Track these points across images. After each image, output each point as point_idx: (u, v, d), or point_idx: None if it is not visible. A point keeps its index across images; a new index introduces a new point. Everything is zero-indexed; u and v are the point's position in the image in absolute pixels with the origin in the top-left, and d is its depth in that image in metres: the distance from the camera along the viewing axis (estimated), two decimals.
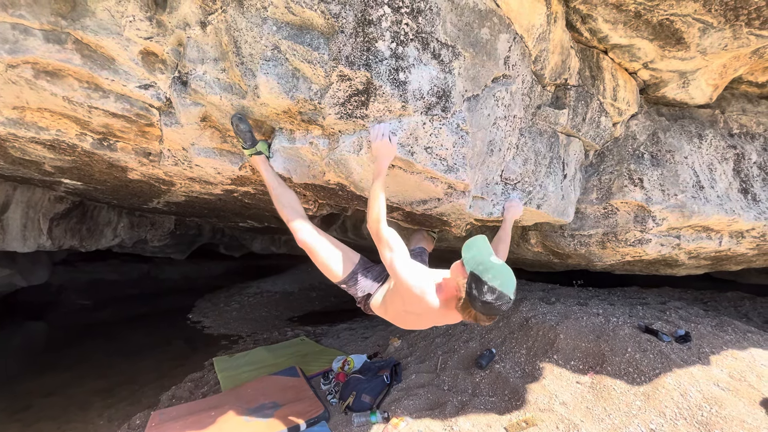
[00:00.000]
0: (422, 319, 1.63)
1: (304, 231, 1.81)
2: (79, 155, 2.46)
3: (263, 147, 1.89)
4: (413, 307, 1.56)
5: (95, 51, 1.68)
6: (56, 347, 5.47)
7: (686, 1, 1.89)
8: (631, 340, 2.91)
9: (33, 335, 6.15)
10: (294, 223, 1.82)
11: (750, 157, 2.55)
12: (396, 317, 1.72)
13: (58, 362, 4.84)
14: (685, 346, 2.85)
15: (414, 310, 1.57)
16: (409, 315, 1.64)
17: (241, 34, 1.57)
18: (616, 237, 2.64)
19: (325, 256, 1.79)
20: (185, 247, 7.86)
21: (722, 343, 2.93)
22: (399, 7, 1.55)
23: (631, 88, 2.56)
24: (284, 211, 1.87)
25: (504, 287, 1.31)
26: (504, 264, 1.37)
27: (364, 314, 6.21)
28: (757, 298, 5.18)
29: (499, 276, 1.32)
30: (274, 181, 1.90)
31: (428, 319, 1.63)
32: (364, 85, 1.57)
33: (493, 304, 1.31)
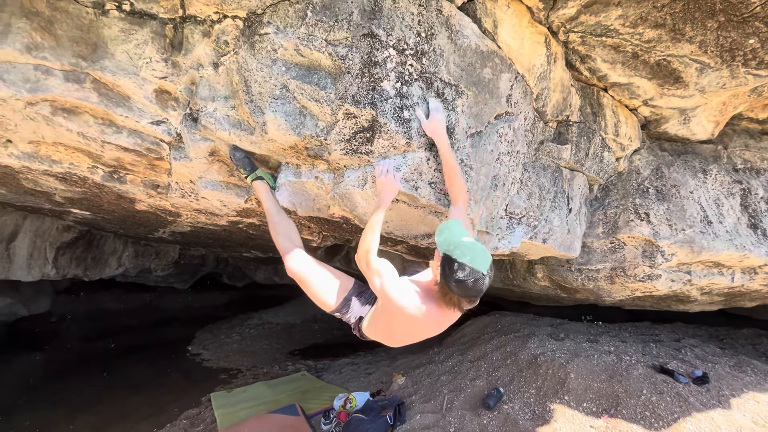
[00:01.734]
0: (414, 332, 1.57)
1: (295, 260, 1.75)
2: (89, 187, 2.50)
3: (264, 174, 1.92)
4: (406, 326, 1.52)
5: (111, 90, 1.75)
6: (53, 379, 5.34)
7: (682, 43, 1.95)
8: (645, 381, 2.78)
9: (30, 366, 6.02)
10: (287, 253, 1.78)
11: (757, 192, 2.54)
12: (386, 335, 1.67)
13: (52, 396, 4.71)
14: (703, 388, 2.72)
15: (406, 330, 1.54)
16: (397, 332, 1.60)
17: (252, 74, 1.63)
18: (625, 272, 2.58)
19: (316, 286, 1.74)
20: (188, 276, 7.83)
21: (742, 385, 2.79)
22: (404, 49, 1.61)
23: (632, 123, 2.60)
24: (279, 239, 1.84)
25: (474, 262, 1.28)
26: (475, 242, 1.34)
27: (368, 349, 6.05)
28: None
29: (468, 252, 1.30)
30: (273, 207, 1.90)
31: (422, 330, 1.57)
32: (370, 122, 1.61)
33: (465, 281, 1.28)
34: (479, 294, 1.34)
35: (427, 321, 1.49)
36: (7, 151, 2.06)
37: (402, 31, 1.60)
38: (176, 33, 1.69)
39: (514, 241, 2.19)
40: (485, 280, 1.30)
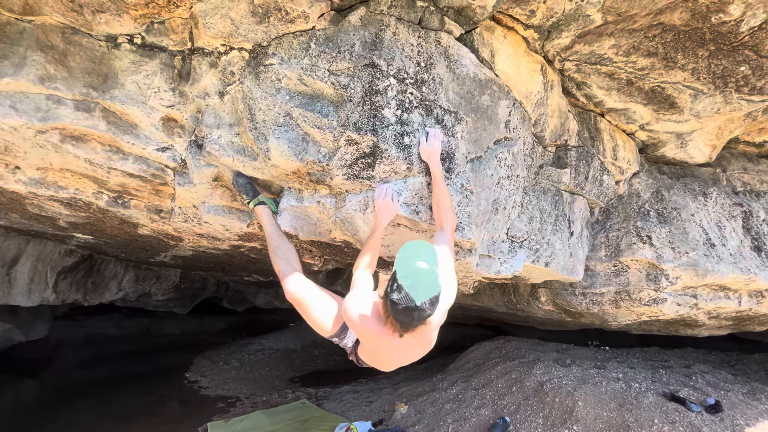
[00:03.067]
0: (386, 353, 1.53)
1: (294, 284, 1.72)
2: (93, 212, 2.53)
3: (266, 200, 1.93)
4: (375, 345, 1.49)
5: (120, 118, 1.80)
6: (47, 408, 5.20)
7: (674, 71, 2.01)
8: (657, 410, 2.69)
9: (25, 395, 5.88)
10: (286, 276, 1.76)
11: (758, 214, 2.54)
12: (371, 357, 1.62)
13: (45, 426, 4.57)
14: (716, 417, 2.62)
15: (378, 350, 1.51)
16: (374, 353, 1.56)
17: (256, 103, 1.68)
18: (630, 296, 2.55)
19: (314, 311, 1.69)
20: (188, 301, 7.75)
21: (757, 414, 2.70)
22: (404, 78, 1.66)
23: (630, 147, 2.64)
24: (279, 263, 1.82)
25: (413, 290, 1.22)
26: (428, 271, 1.26)
27: (369, 376, 5.90)
28: None
29: (412, 277, 1.24)
30: (274, 232, 1.90)
31: (392, 351, 1.50)
32: (371, 148, 1.64)
33: (398, 304, 1.23)
34: (408, 323, 1.27)
35: (388, 341, 1.39)
36: (15, 177, 2.09)
37: (402, 61, 1.65)
38: (184, 64, 1.76)
39: (517, 265, 2.17)
40: (417, 312, 1.23)
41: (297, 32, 1.59)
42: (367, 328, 1.40)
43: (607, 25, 1.86)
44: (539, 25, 1.92)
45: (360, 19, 1.59)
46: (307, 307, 1.69)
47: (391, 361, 1.63)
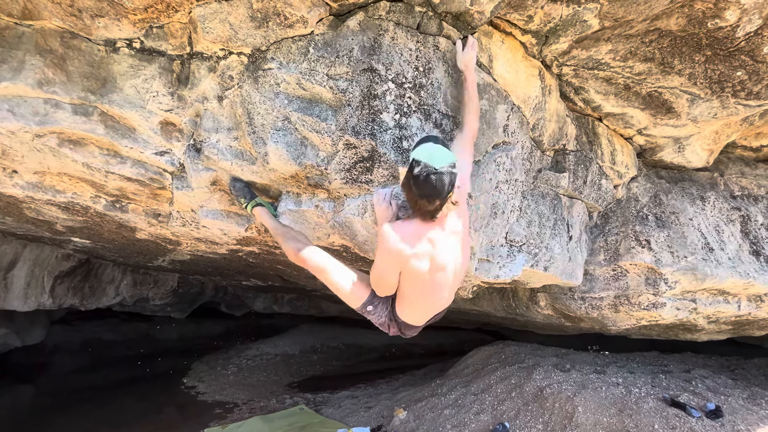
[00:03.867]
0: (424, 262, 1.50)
1: (313, 253, 1.68)
2: (91, 216, 2.52)
3: (264, 203, 1.91)
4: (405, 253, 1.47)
5: (118, 122, 1.80)
6: (42, 414, 5.15)
7: (671, 76, 2.02)
8: (657, 415, 2.68)
9: (21, 400, 5.82)
10: (301, 251, 1.70)
11: (756, 218, 2.54)
12: (413, 289, 1.58)
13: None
14: (717, 422, 2.61)
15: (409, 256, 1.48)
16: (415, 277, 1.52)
17: (255, 107, 1.68)
18: (629, 300, 2.54)
19: (337, 276, 1.67)
20: (186, 305, 7.71)
21: (757, 419, 2.68)
22: (402, 82, 1.67)
23: (628, 152, 2.64)
24: (289, 244, 1.76)
25: (429, 158, 1.34)
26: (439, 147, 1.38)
27: (368, 381, 5.87)
28: None
29: (427, 151, 1.36)
30: (277, 225, 1.86)
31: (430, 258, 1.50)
32: (369, 152, 1.64)
33: (419, 175, 1.34)
34: (433, 192, 1.36)
35: (425, 242, 1.47)
36: (12, 181, 2.09)
37: (401, 65, 1.66)
38: (183, 68, 1.76)
39: (515, 269, 2.17)
40: (438, 176, 1.33)
41: (296, 37, 1.59)
42: (402, 230, 1.46)
43: (604, 30, 1.87)
44: (537, 31, 1.93)
45: (359, 24, 1.60)
46: (330, 273, 1.66)
47: (434, 278, 1.55)
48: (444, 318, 3.83)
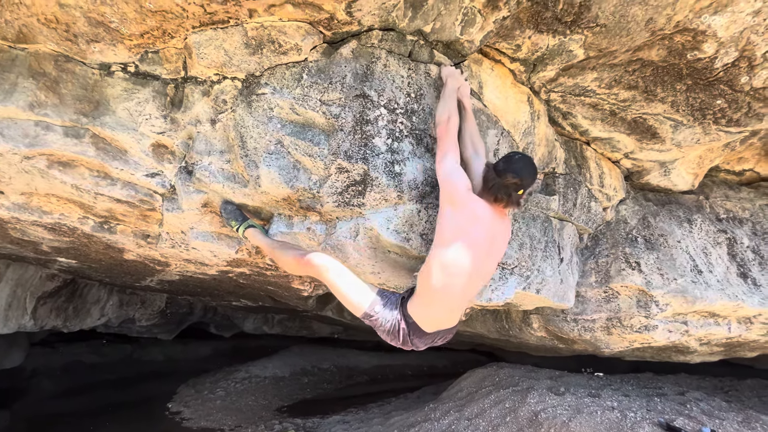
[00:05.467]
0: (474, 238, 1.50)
1: (319, 256, 1.65)
2: (78, 237, 2.47)
3: (255, 225, 1.88)
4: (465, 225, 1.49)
5: (109, 144, 1.79)
6: None
7: (655, 103, 2.09)
8: None
9: None
10: (304, 256, 1.66)
11: (742, 241, 2.59)
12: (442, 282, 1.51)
13: None
14: None
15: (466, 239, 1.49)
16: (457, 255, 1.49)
17: (248, 131, 1.69)
18: (621, 322, 2.54)
19: (345, 281, 1.62)
20: (174, 326, 7.52)
21: None
22: (394, 108, 1.70)
23: (616, 175, 2.70)
24: (288, 255, 1.72)
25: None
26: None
27: (359, 405, 5.72)
28: None
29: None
30: (271, 242, 1.83)
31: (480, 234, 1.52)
32: (362, 176, 1.65)
33: (512, 156, 1.56)
34: (524, 170, 1.49)
35: (480, 227, 1.50)
36: None
37: (393, 92, 1.69)
38: (177, 92, 1.77)
39: (508, 292, 2.16)
40: (530, 160, 1.54)
41: (290, 63, 1.62)
42: (469, 198, 1.50)
43: (589, 59, 1.94)
44: (525, 59, 2.00)
45: (351, 51, 1.63)
46: (337, 272, 1.63)
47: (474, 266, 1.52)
48: None
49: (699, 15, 1.63)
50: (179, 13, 1.44)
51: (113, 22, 1.49)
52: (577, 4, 1.66)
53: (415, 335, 1.63)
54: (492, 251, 1.62)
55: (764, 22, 1.63)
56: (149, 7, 1.41)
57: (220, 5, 1.41)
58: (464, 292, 1.60)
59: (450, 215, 1.52)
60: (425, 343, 1.69)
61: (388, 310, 1.62)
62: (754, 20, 1.63)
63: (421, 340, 1.65)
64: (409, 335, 1.62)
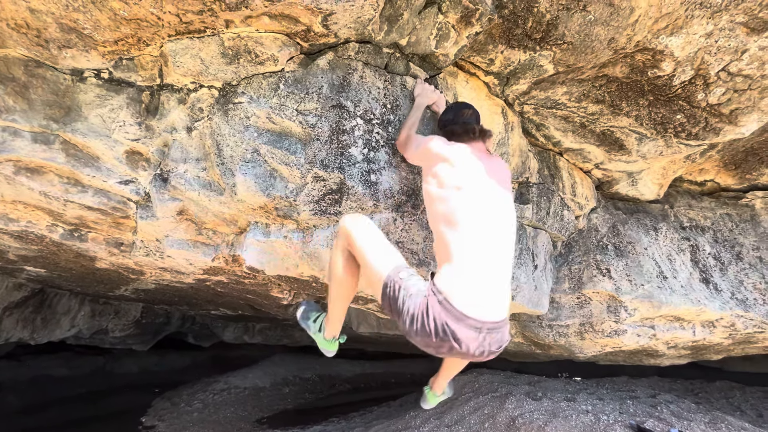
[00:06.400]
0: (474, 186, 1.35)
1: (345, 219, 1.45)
2: (46, 245, 2.40)
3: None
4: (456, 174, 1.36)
5: (81, 150, 1.76)
6: None
7: (620, 117, 2.19)
8: None
9: None
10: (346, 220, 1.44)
11: (704, 248, 2.72)
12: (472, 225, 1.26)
13: None
14: None
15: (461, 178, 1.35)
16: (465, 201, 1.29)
17: (224, 139, 1.69)
18: (593, 327, 2.62)
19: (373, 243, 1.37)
20: (150, 337, 7.29)
21: None
22: (371, 119, 1.73)
23: (587, 185, 2.80)
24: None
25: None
26: None
27: (341, 415, 5.67)
28: (746, 387, 5.04)
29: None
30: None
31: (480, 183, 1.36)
32: (338, 185, 1.67)
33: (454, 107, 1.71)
34: (464, 105, 1.71)
35: (476, 164, 1.41)
36: None
37: (369, 102, 1.73)
38: (152, 99, 1.76)
39: None
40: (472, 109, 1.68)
41: (266, 73, 1.64)
42: (462, 147, 1.48)
43: (559, 74, 2.02)
44: (498, 72, 2.07)
45: (328, 63, 1.66)
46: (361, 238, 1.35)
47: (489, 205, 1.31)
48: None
49: (657, 36, 1.73)
50: (154, 21, 1.45)
51: (86, 28, 1.48)
52: (545, 22, 1.74)
53: (452, 319, 1.12)
54: (499, 186, 1.39)
55: (716, 43, 1.74)
56: (123, 14, 1.40)
57: (196, 15, 1.42)
58: (495, 241, 1.26)
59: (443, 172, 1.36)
60: (472, 339, 1.13)
61: (412, 284, 1.22)
62: (707, 42, 1.74)
63: (461, 327, 1.12)
64: (446, 325, 1.12)
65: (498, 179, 1.44)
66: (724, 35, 1.72)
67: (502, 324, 1.21)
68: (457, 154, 1.44)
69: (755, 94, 1.92)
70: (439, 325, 1.12)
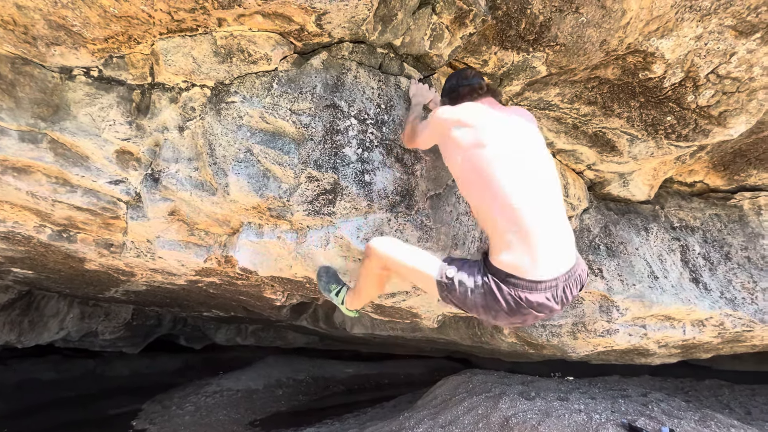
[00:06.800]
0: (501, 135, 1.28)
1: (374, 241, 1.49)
2: (34, 246, 2.36)
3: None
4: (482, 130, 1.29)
5: (69, 150, 1.73)
6: None
7: (612, 118, 2.21)
8: None
9: None
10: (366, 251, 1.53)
11: (694, 248, 2.76)
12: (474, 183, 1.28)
13: None
14: None
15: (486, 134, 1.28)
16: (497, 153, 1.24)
17: (216, 138, 1.67)
18: (586, 327, 2.64)
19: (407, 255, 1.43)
20: (140, 339, 7.20)
21: None
22: (365, 119, 1.72)
23: (580, 185, 2.82)
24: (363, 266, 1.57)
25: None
26: None
27: (335, 416, 5.65)
28: (735, 386, 5.12)
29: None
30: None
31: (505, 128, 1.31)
32: (332, 185, 1.66)
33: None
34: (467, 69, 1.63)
35: (496, 115, 1.34)
36: None
37: (363, 103, 1.72)
38: (143, 98, 1.74)
39: None
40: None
41: (260, 72, 1.62)
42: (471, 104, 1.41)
43: (552, 76, 2.04)
44: (492, 73, 2.08)
45: (322, 62, 1.66)
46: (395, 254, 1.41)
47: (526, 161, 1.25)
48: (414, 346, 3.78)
49: (648, 38, 1.75)
50: (145, 19, 1.43)
51: (75, 25, 1.45)
52: (538, 23, 1.75)
53: (525, 291, 1.11)
54: (524, 131, 1.35)
55: (705, 46, 1.77)
56: (113, 12, 1.38)
57: (188, 13, 1.40)
58: (536, 190, 1.21)
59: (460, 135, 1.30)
60: (550, 300, 1.14)
61: (466, 275, 1.22)
62: (697, 44, 1.77)
63: (537, 295, 1.12)
64: (520, 300, 1.11)
65: (520, 125, 1.38)
66: (714, 38, 1.75)
67: (574, 268, 1.21)
68: (471, 112, 1.35)
69: (743, 96, 1.95)
70: (513, 303, 1.13)
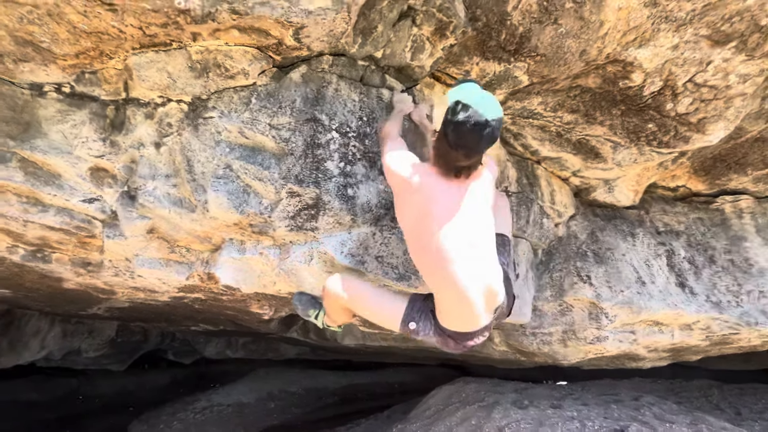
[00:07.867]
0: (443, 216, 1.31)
1: (330, 282, 1.58)
2: (7, 267, 2.27)
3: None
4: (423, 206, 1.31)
5: (41, 168, 1.67)
6: None
7: (595, 126, 2.22)
8: None
9: None
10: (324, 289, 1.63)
11: (679, 252, 2.78)
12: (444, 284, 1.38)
13: None
14: None
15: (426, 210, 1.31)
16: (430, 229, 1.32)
17: (195, 155, 1.63)
18: (576, 334, 2.63)
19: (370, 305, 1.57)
20: (126, 356, 7.01)
21: None
22: (347, 132, 1.70)
23: (566, 192, 2.83)
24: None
25: (480, 105, 1.17)
26: (488, 93, 1.25)
27: (328, 429, 5.54)
28: (724, 385, 5.17)
29: (475, 95, 1.19)
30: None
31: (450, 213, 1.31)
32: (314, 200, 1.63)
33: (464, 123, 1.16)
34: (475, 146, 1.22)
35: (447, 196, 1.30)
36: None
37: (345, 115, 1.70)
38: (118, 114, 1.69)
39: None
40: (486, 129, 1.16)
41: (237, 87, 1.59)
42: (423, 178, 1.31)
43: (534, 85, 2.04)
44: None
45: (301, 76, 1.63)
46: (358, 302, 1.55)
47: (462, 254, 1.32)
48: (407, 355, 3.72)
49: (626, 48, 1.76)
50: (116, 34, 1.39)
51: (44, 42, 1.41)
52: (518, 34, 1.75)
53: (464, 338, 1.49)
54: (470, 216, 1.38)
55: (682, 55, 1.79)
56: (83, 27, 1.34)
57: (161, 28, 1.37)
58: (473, 275, 1.36)
59: (409, 205, 1.37)
60: (474, 340, 1.53)
61: (422, 322, 1.49)
62: (674, 54, 1.79)
63: (474, 337, 1.51)
64: (457, 341, 1.51)
65: (474, 209, 1.41)
66: (690, 47, 1.77)
67: (488, 325, 1.56)
68: (425, 187, 1.35)
69: (721, 103, 1.97)
70: (454, 342, 1.53)
